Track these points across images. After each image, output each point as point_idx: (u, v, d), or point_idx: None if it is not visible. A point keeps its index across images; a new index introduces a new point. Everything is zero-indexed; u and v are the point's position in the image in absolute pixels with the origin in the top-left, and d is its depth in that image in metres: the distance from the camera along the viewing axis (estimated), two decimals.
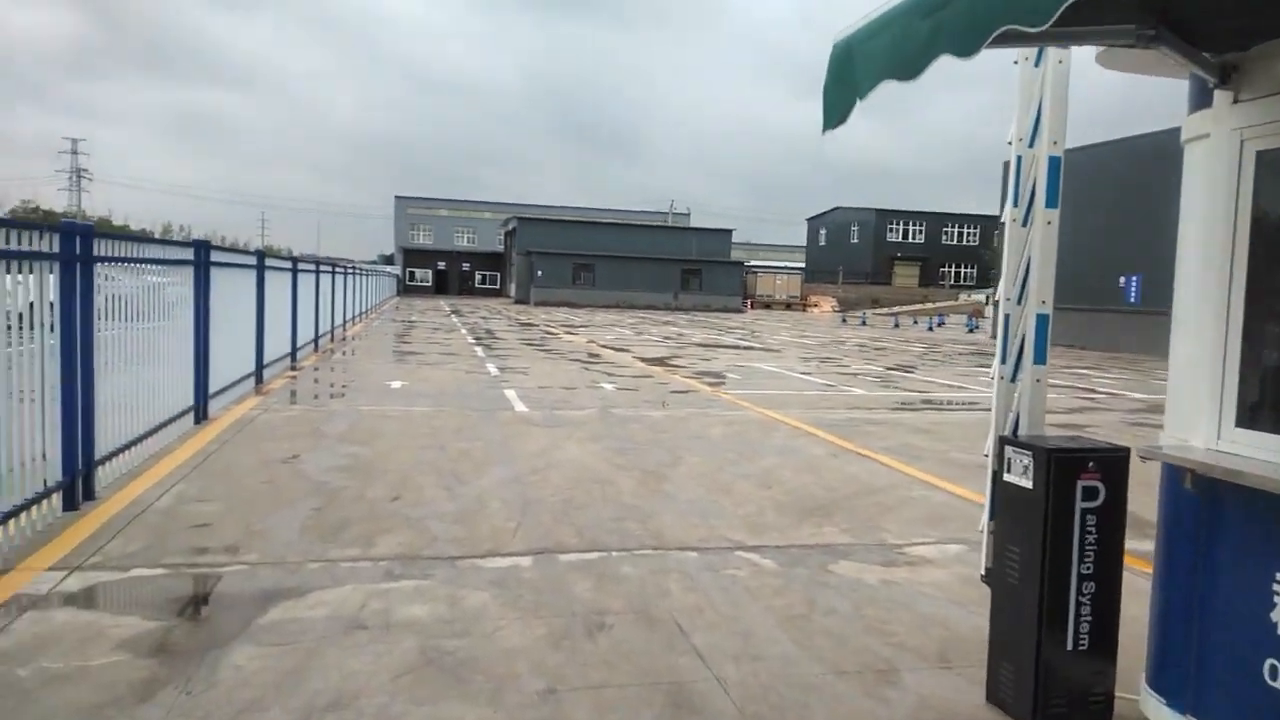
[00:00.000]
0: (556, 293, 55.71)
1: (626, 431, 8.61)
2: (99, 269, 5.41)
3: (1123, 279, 28.01)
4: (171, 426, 7.08)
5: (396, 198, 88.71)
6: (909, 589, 4.39)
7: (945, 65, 1.97)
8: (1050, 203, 3.15)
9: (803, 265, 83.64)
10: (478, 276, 78.32)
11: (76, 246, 5.06)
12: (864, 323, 44.26)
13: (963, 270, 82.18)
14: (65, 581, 4.05)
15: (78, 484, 5.14)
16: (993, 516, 3.26)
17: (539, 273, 56.15)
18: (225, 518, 5.16)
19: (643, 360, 17.19)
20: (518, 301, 57.70)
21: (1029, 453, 2.99)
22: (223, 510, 5.31)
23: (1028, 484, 2.98)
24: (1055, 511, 2.94)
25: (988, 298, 62.94)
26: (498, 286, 76.82)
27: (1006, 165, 3.29)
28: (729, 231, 63.24)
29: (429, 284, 76.75)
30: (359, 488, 5.98)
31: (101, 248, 5.46)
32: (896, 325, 42.32)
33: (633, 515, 5.52)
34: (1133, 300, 27.64)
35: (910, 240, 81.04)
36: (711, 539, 5.09)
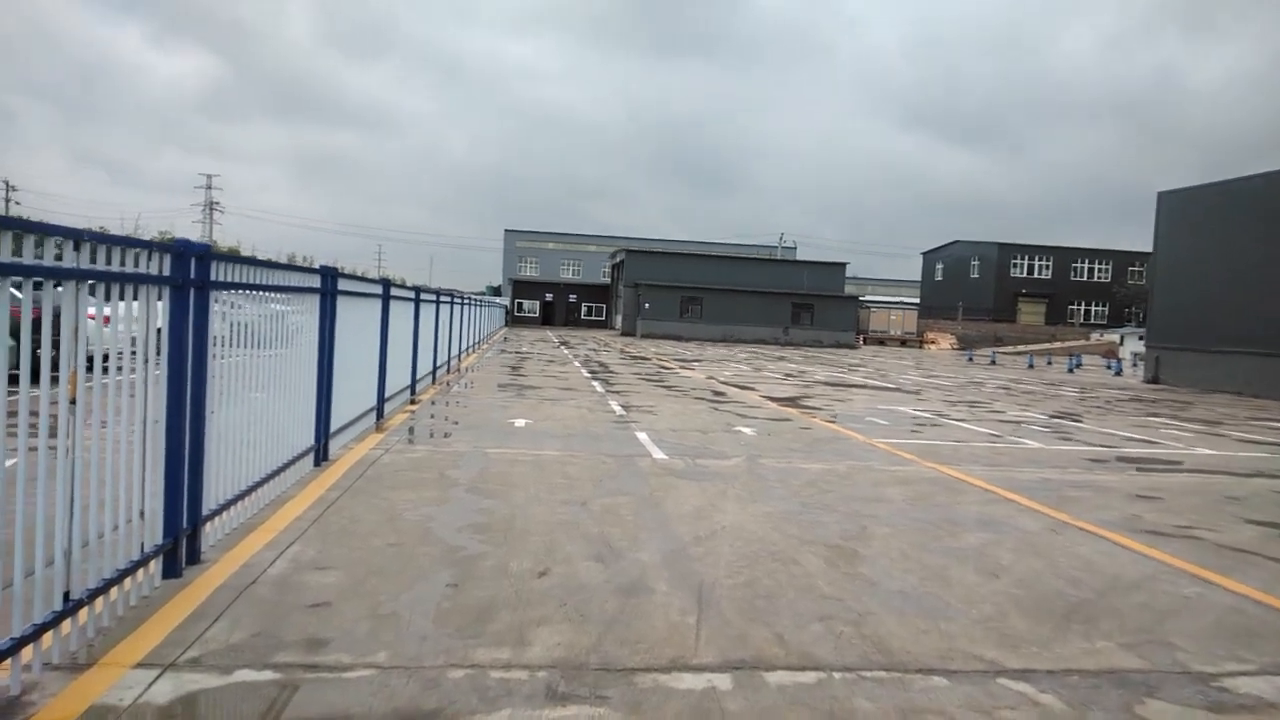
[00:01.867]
0: (663, 325, 54.97)
1: (787, 489, 7.46)
2: (217, 296, 4.68)
3: None
4: (289, 470, 6.35)
5: (506, 231, 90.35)
6: None
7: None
8: None
9: (917, 300, 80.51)
10: (584, 308, 78.55)
11: (191, 269, 4.32)
12: (993, 361, 41.68)
13: (1092, 308, 77.59)
14: (155, 686, 3.19)
15: (180, 546, 4.36)
16: None
17: (646, 305, 55.56)
18: (348, 594, 4.27)
19: (773, 400, 15.97)
20: (624, 333, 57.22)
21: None
22: (345, 583, 4.44)
23: None
24: None
25: (1122, 337, 58.78)
26: (603, 318, 76.81)
27: None
28: (842, 265, 61.32)
29: (536, 315, 77.40)
30: (500, 556, 5.03)
31: (221, 271, 4.73)
32: (1031, 365, 39.61)
33: (839, 612, 4.37)
34: None
35: (1036, 276, 77.04)
36: (954, 654, 3.89)
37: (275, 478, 5.98)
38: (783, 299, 56.78)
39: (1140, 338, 55.57)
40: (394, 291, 10.93)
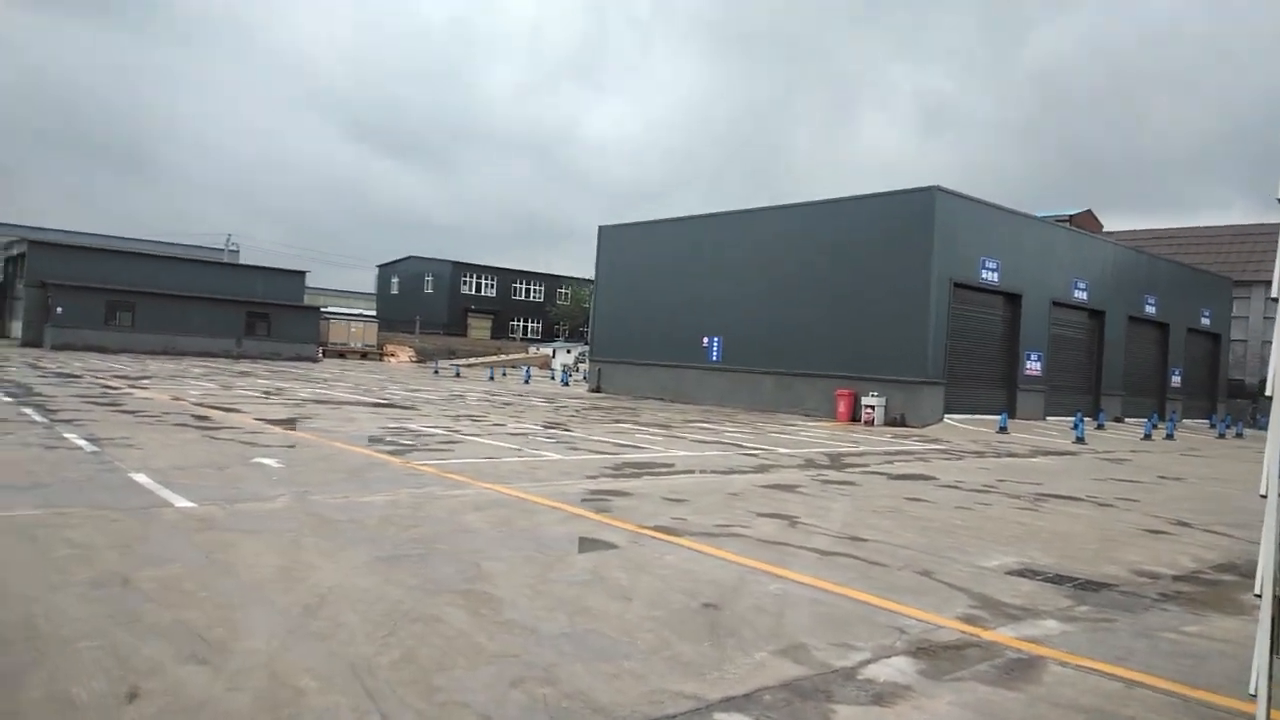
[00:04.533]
0: (83, 334, 46.11)
1: (365, 530, 6.64)
2: None
3: (706, 339, 31.07)
4: None
5: None
6: None
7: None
8: None
9: (375, 313, 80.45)
10: None
11: None
12: (458, 374, 43.51)
13: (529, 324, 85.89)
14: None
15: None
16: None
17: (58, 310, 46.02)
18: None
19: (270, 423, 14.32)
20: (27, 344, 46.54)
21: None
22: None
23: None
24: None
25: (554, 351, 66.32)
26: None
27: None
28: (302, 274, 58.24)
29: None
30: (45, 683, 3.49)
31: None
32: (492, 377, 42.27)
33: (525, 672, 3.95)
34: (714, 359, 30.76)
35: (483, 294, 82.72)
36: (662, 697, 3.77)
37: None
38: (236, 307, 51.83)
39: (569, 351, 63.47)
40: None
